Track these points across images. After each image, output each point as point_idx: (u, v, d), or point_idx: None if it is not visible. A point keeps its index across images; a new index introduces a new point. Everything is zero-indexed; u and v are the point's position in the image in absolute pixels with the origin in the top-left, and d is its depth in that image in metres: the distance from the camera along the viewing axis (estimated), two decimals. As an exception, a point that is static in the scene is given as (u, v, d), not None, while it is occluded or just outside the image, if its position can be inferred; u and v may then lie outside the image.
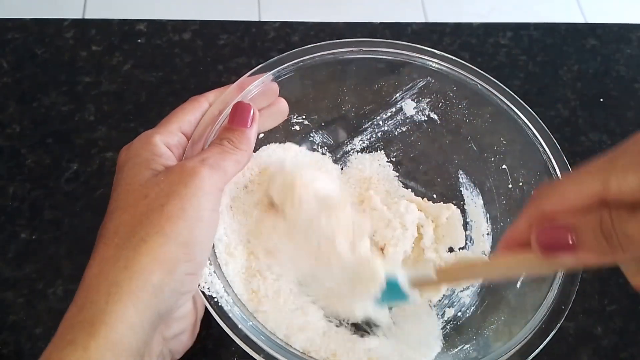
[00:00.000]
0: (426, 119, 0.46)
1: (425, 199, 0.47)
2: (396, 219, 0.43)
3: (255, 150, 0.46)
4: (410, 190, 0.47)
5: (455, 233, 0.45)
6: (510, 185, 0.43)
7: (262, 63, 0.40)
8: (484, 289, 0.41)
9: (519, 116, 0.41)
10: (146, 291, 0.28)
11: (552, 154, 0.39)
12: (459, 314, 0.41)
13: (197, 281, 0.32)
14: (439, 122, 0.46)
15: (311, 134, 0.47)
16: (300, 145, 0.46)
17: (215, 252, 0.36)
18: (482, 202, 0.45)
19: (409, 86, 0.45)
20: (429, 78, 0.44)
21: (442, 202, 0.46)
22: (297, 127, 0.46)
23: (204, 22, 0.59)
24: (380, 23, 0.60)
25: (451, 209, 0.45)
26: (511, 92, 0.42)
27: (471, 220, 0.46)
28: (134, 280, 0.27)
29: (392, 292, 0.34)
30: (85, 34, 0.57)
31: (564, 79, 0.58)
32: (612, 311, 0.44)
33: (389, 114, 0.47)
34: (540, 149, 0.40)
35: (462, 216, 0.46)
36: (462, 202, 0.46)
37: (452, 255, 0.44)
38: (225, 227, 0.38)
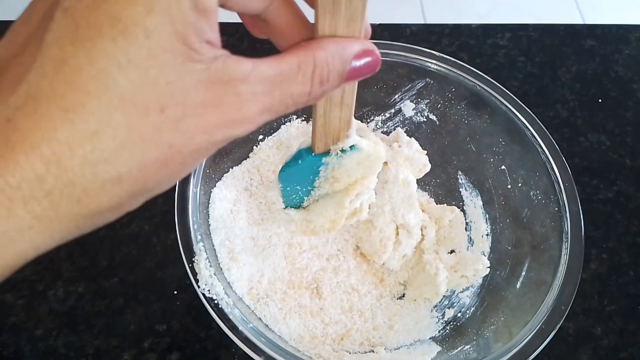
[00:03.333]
0: (425, 120, 0.46)
1: (426, 200, 0.47)
2: (402, 222, 0.43)
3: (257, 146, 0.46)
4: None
5: (457, 235, 0.45)
6: (509, 186, 0.43)
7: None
8: (483, 290, 0.41)
9: (518, 117, 0.41)
10: None
11: (550, 154, 0.39)
12: (459, 314, 0.41)
13: None
14: (437, 123, 0.46)
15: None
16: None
17: (217, 256, 0.36)
18: (481, 202, 0.45)
19: (407, 87, 0.45)
20: (427, 79, 0.44)
21: (445, 204, 0.46)
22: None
23: (203, 24, 0.59)
24: (379, 24, 0.60)
25: (455, 212, 0.45)
26: (510, 93, 0.42)
27: (470, 221, 0.46)
28: None
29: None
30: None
31: (563, 79, 0.58)
32: (612, 311, 0.45)
33: (387, 115, 0.47)
34: (539, 150, 0.40)
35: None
36: (461, 203, 0.46)
37: (452, 257, 0.44)
38: (227, 232, 0.38)
